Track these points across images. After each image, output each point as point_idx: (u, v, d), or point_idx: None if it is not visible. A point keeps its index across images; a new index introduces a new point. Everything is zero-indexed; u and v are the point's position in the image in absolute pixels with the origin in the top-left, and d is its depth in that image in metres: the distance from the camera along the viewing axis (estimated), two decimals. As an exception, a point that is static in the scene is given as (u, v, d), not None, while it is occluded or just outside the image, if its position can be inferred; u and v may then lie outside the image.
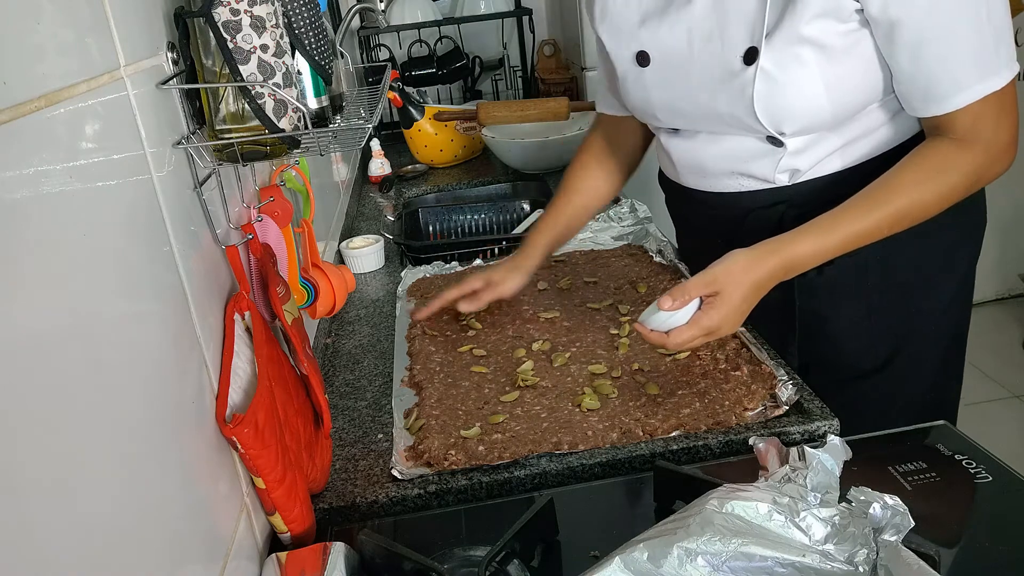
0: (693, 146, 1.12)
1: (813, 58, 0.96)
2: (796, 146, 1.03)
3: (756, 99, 0.99)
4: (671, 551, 0.65)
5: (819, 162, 1.05)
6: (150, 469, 0.60)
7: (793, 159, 1.05)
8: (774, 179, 1.07)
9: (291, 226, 1.02)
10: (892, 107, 1.03)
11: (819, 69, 0.96)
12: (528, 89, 2.92)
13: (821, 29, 0.94)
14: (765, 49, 0.97)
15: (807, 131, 1.02)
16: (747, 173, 1.09)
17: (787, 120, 1.00)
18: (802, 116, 1.00)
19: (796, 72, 0.97)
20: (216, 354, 0.78)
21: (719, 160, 1.10)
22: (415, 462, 0.97)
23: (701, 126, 1.10)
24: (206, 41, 0.77)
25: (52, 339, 0.49)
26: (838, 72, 0.97)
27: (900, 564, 0.63)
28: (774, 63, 0.97)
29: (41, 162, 0.50)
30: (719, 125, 1.07)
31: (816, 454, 0.71)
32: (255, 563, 0.81)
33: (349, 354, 1.29)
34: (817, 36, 0.95)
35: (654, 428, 0.97)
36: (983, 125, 0.95)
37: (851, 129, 1.03)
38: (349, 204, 2.02)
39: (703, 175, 1.14)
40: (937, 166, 0.96)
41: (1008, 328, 3.09)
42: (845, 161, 1.05)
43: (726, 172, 1.11)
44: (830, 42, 0.95)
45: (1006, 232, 3.15)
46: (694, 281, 0.97)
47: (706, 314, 0.96)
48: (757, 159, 1.07)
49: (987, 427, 2.45)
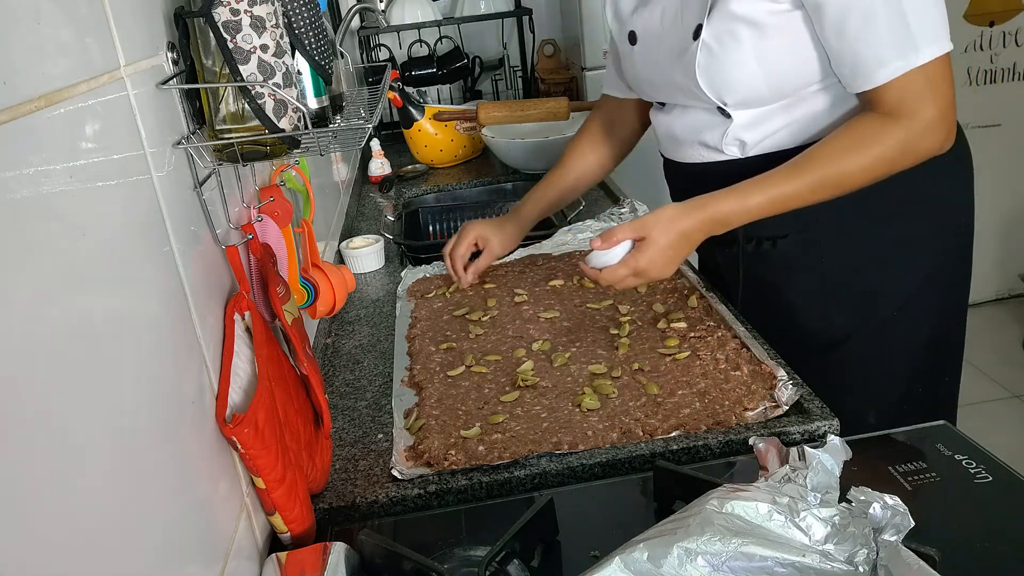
0: (668, 119, 1.23)
1: (747, 35, 1.04)
2: (743, 120, 1.11)
3: (698, 70, 1.08)
4: (671, 551, 0.65)
5: (766, 137, 1.12)
6: (150, 469, 0.60)
7: (740, 132, 1.12)
8: (723, 149, 1.15)
9: (291, 226, 1.02)
10: (838, 91, 1.08)
11: (751, 45, 1.04)
12: (528, 89, 2.92)
13: (752, 8, 1.02)
14: (706, 25, 1.06)
15: (748, 104, 1.10)
16: (704, 143, 1.17)
17: (726, 91, 1.09)
18: (739, 88, 1.08)
19: (731, 47, 1.05)
20: (216, 354, 0.78)
21: (684, 131, 1.20)
22: (415, 462, 0.97)
23: (669, 98, 1.21)
24: (206, 41, 0.77)
25: (51, 339, 0.49)
26: (771, 49, 1.04)
27: (900, 564, 0.63)
28: (713, 38, 1.06)
29: (41, 162, 0.50)
30: (680, 96, 1.17)
31: (816, 454, 0.71)
32: (255, 563, 0.81)
33: (349, 354, 1.29)
34: (748, 13, 1.02)
35: (654, 428, 0.97)
36: (908, 99, 0.99)
37: (798, 108, 1.10)
38: (349, 204, 2.02)
39: (676, 146, 1.23)
40: (860, 137, 1.02)
41: (1008, 328, 3.09)
42: (795, 139, 1.11)
43: (689, 142, 1.20)
44: (762, 20, 1.03)
45: (1006, 232, 3.15)
46: (624, 225, 1.09)
47: (634, 256, 1.07)
48: (709, 129, 1.16)
49: (987, 427, 2.45)
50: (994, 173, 2.99)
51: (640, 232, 1.07)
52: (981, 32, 2.91)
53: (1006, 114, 3.01)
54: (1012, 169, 3.04)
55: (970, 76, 2.96)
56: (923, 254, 1.15)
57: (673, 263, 1.08)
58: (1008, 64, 2.97)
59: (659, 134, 1.28)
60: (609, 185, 2.00)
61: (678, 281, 1.33)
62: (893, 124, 1.00)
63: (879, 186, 1.03)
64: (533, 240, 1.63)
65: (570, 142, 1.49)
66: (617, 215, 1.65)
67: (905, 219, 1.13)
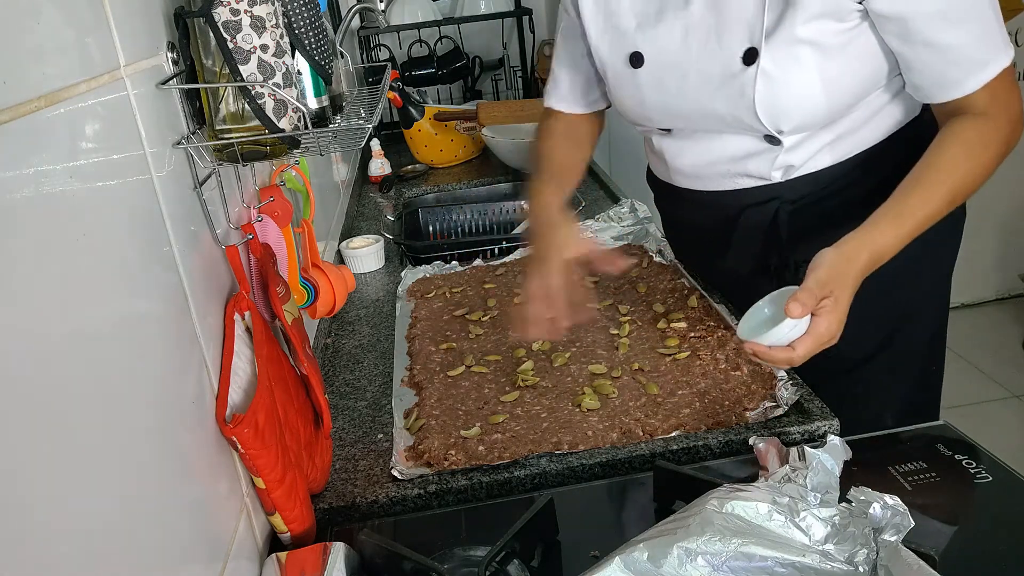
0: (688, 145, 1.13)
1: (811, 57, 0.97)
2: (790, 143, 1.05)
3: (757, 99, 1.00)
4: (671, 551, 0.65)
5: (811, 158, 1.07)
6: (150, 469, 0.60)
7: (787, 156, 1.07)
8: (770, 176, 1.09)
9: (291, 226, 1.02)
10: (879, 102, 1.06)
11: (817, 67, 0.98)
12: (528, 89, 2.92)
13: (819, 29, 0.96)
14: (765, 49, 0.98)
15: (803, 129, 1.03)
16: (744, 172, 1.10)
17: (785, 119, 1.01)
18: (800, 115, 1.01)
19: (795, 72, 0.98)
20: (216, 354, 0.78)
21: (715, 159, 1.10)
22: (415, 462, 0.97)
23: (698, 125, 1.10)
24: (206, 41, 0.77)
25: (52, 339, 0.49)
26: (835, 69, 0.99)
27: (900, 564, 0.63)
28: (774, 63, 0.98)
29: (41, 162, 0.50)
30: (717, 124, 1.07)
31: (816, 454, 0.71)
32: (255, 563, 0.81)
33: (349, 354, 1.29)
34: (815, 36, 0.96)
35: (654, 428, 0.97)
36: (1001, 99, 0.98)
37: (840, 125, 1.06)
38: (349, 204, 2.02)
39: (697, 174, 1.14)
40: (977, 140, 0.98)
41: (1008, 328, 3.09)
42: (835, 157, 1.08)
43: (722, 171, 1.11)
44: (827, 41, 0.97)
45: (1006, 232, 3.15)
46: (809, 286, 0.87)
47: (823, 320, 0.88)
48: (754, 157, 1.08)
49: (987, 427, 2.45)
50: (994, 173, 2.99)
51: (826, 289, 0.88)
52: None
53: (1006, 114, 3.00)
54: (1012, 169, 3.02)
55: (970, 76, 2.95)
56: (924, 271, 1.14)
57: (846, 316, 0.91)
58: (1008, 64, 2.97)
59: (670, 162, 1.16)
60: (609, 185, 2.00)
61: (678, 281, 1.33)
62: (993, 123, 0.98)
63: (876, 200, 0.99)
64: (533, 240, 1.63)
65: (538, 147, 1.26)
66: (617, 215, 1.65)
67: None
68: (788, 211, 1.09)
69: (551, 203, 1.13)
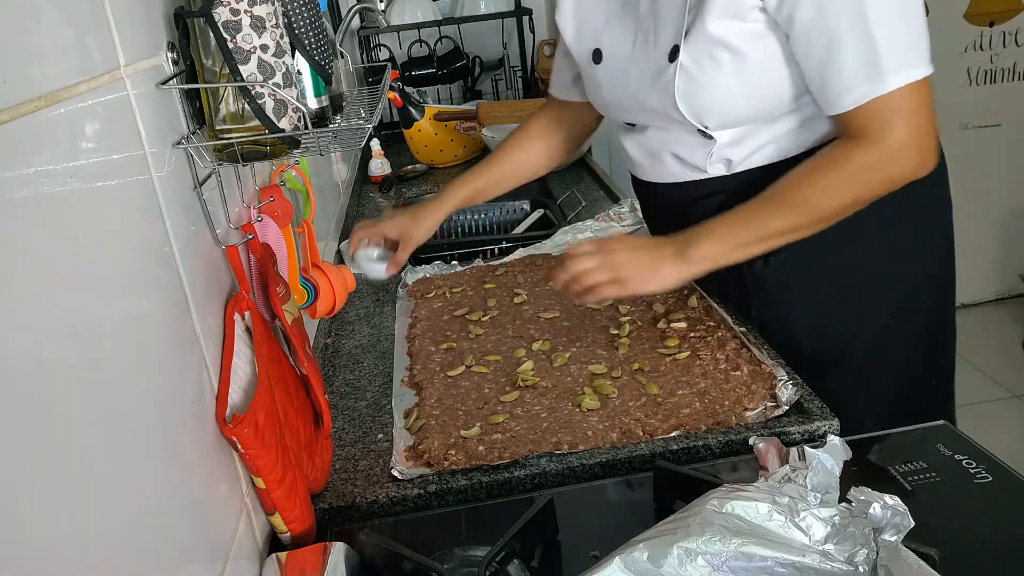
0: (641, 139, 1.19)
1: (727, 58, 1.01)
2: (727, 139, 1.08)
3: (677, 94, 1.05)
4: (671, 551, 0.65)
5: (752, 154, 1.09)
6: (150, 469, 0.60)
7: (726, 150, 1.09)
8: (707, 169, 1.12)
9: (291, 226, 1.02)
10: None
11: (732, 68, 1.01)
12: (528, 89, 2.92)
13: (726, 28, 0.99)
14: (684, 47, 1.03)
15: (729, 125, 1.07)
16: (686, 163, 1.14)
17: (706, 114, 1.06)
18: (720, 111, 1.05)
19: (710, 70, 1.02)
20: (216, 354, 0.78)
21: (662, 152, 1.16)
22: (415, 462, 0.97)
23: (641, 120, 1.17)
24: (206, 41, 0.77)
25: (51, 339, 0.49)
26: (750, 71, 1.01)
27: (900, 564, 0.63)
28: (692, 60, 1.03)
29: (41, 162, 0.50)
30: (655, 119, 1.13)
31: (816, 454, 0.71)
32: (255, 563, 0.81)
33: (349, 354, 1.29)
34: (723, 36, 1.00)
35: (654, 428, 0.97)
36: (874, 126, 0.97)
37: (782, 123, 1.07)
38: (349, 204, 2.02)
39: (653, 168, 1.20)
40: (824, 163, 1.00)
41: (1008, 328, 3.09)
42: (780, 153, 1.09)
43: (668, 163, 1.16)
44: (738, 43, 1.00)
45: (1006, 232, 3.15)
46: None
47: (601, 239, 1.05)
48: (692, 150, 1.12)
49: (987, 427, 2.45)
50: (994, 173, 3.00)
51: None
52: (981, 32, 2.91)
53: (1006, 114, 3.01)
54: (1012, 169, 3.04)
55: (970, 76, 2.96)
56: (912, 259, 1.15)
57: (646, 266, 1.03)
58: (1008, 64, 2.97)
59: (631, 155, 1.23)
60: (609, 185, 2.00)
61: (678, 281, 1.33)
62: (857, 148, 0.98)
63: None
64: (533, 240, 1.63)
65: (512, 132, 1.42)
66: (617, 214, 1.65)
67: (891, 228, 1.10)
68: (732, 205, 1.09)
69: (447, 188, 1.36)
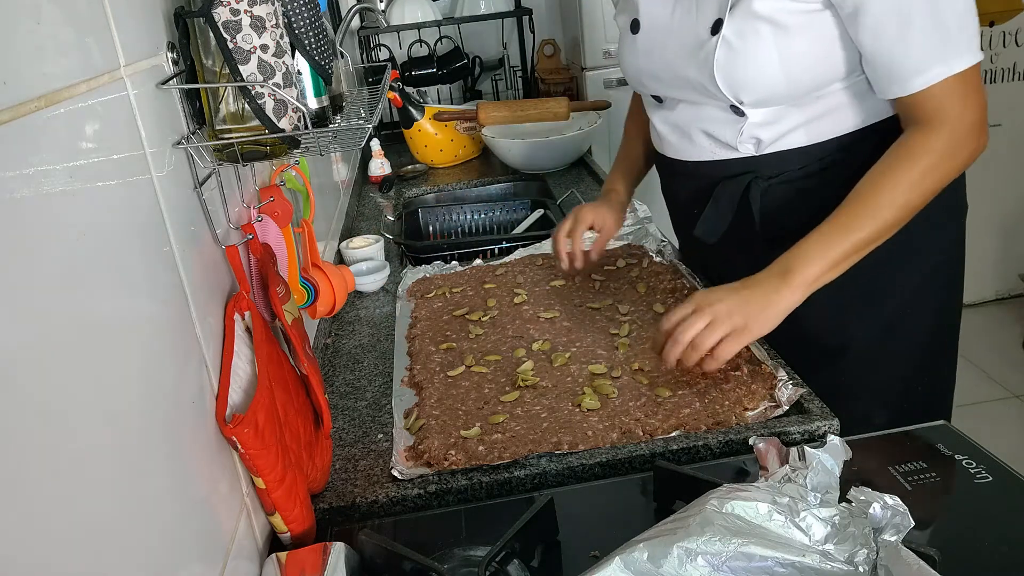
0: (671, 115, 1.20)
1: (770, 33, 1.01)
2: (758, 118, 1.09)
3: (716, 67, 1.05)
4: (671, 551, 0.65)
5: (782, 136, 1.10)
6: (150, 469, 0.60)
7: (756, 130, 1.10)
8: (737, 147, 1.13)
9: (291, 226, 1.02)
10: (858, 89, 1.07)
11: (775, 44, 1.02)
12: (528, 89, 2.92)
13: (774, 7, 1.00)
14: (728, 21, 1.03)
15: (765, 103, 1.07)
16: (716, 140, 1.15)
17: (744, 90, 1.06)
18: (758, 87, 1.05)
19: (753, 44, 1.03)
20: (216, 354, 0.78)
21: (693, 129, 1.17)
22: (415, 462, 0.97)
23: (676, 93, 1.17)
24: (206, 41, 0.77)
25: (51, 339, 0.49)
26: (794, 49, 1.02)
27: (900, 564, 0.63)
28: (735, 34, 1.03)
29: (41, 162, 0.50)
30: (690, 93, 1.14)
31: (816, 454, 0.71)
32: (255, 563, 0.81)
33: (349, 354, 1.29)
34: (770, 14, 1.01)
35: (654, 428, 0.97)
36: (947, 106, 0.98)
37: (815, 107, 1.08)
38: (349, 204, 2.02)
39: (681, 144, 1.20)
40: (907, 153, 1.00)
41: (1008, 328, 3.09)
42: (810, 137, 1.10)
43: (698, 140, 1.17)
44: (784, 20, 1.01)
45: (1006, 232, 3.15)
46: None
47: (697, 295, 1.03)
48: (723, 127, 1.13)
49: (987, 427, 2.45)
50: (995, 173, 2.99)
51: None
52: (981, 32, 2.90)
53: (1006, 114, 3.00)
54: (1012, 169, 3.04)
55: (970, 76, 2.95)
56: (921, 254, 1.15)
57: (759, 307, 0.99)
58: (1008, 64, 2.97)
59: (659, 131, 1.24)
60: (609, 185, 2.00)
61: (678, 281, 1.33)
62: (933, 133, 0.98)
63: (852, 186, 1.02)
64: (533, 240, 1.64)
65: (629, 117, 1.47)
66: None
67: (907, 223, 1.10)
68: (762, 187, 1.12)
69: (616, 183, 1.42)
